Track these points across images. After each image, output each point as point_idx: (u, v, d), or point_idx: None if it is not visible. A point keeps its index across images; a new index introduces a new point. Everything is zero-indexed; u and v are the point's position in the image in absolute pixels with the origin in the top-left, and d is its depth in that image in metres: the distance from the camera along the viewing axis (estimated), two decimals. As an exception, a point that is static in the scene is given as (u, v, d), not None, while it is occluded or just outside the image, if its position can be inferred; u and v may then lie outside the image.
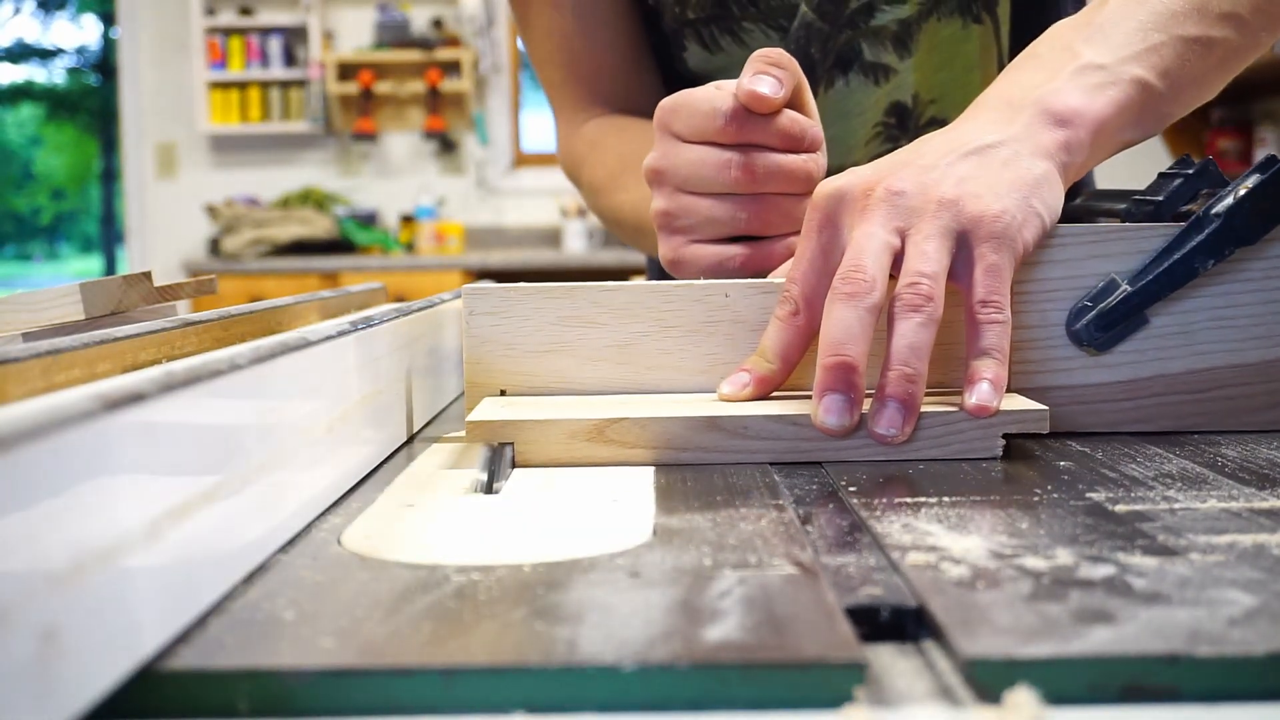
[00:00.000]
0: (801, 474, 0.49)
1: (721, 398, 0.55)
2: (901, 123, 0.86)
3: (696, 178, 0.64)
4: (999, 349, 0.52)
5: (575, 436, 0.50)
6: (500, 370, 0.58)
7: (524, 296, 0.58)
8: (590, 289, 0.58)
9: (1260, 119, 3.85)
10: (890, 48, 0.84)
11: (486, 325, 0.58)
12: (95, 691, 0.25)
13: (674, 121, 0.65)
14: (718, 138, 0.63)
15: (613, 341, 0.58)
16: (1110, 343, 0.57)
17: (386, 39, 4.63)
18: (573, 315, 0.58)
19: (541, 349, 0.58)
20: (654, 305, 0.58)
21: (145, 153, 4.77)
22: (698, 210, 0.65)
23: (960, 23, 0.84)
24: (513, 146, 4.80)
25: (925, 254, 0.51)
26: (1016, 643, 0.28)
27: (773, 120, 0.63)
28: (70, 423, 0.25)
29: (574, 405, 0.54)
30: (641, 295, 0.58)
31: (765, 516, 0.41)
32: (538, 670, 0.27)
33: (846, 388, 0.49)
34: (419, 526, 0.41)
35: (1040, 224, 0.55)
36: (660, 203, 0.66)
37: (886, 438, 0.50)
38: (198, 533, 0.31)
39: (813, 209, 0.55)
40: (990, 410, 0.50)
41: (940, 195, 0.53)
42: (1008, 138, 0.56)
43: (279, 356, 0.39)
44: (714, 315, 0.58)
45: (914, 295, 0.50)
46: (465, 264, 4.23)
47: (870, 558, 0.37)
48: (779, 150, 0.64)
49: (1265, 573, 0.34)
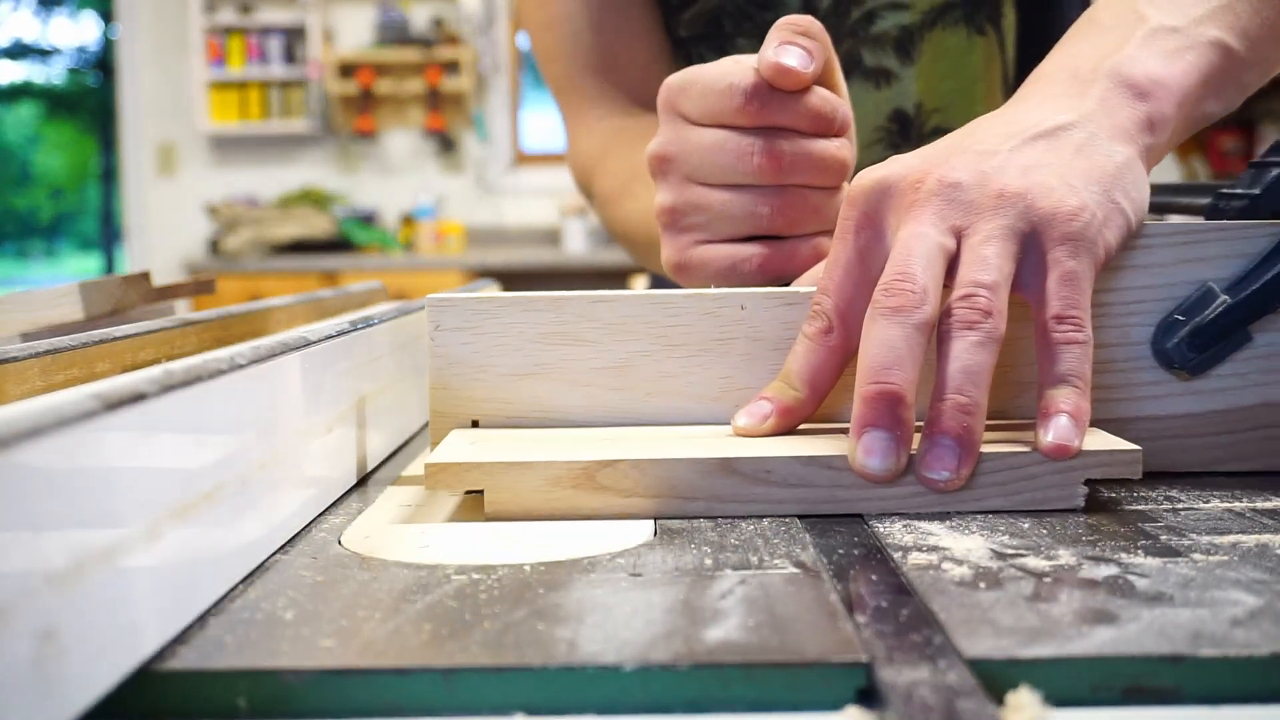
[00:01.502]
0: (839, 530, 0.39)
1: (737, 431, 0.46)
2: (904, 130, 0.83)
3: (710, 166, 0.55)
4: (1079, 374, 0.42)
5: (558, 483, 0.42)
6: (471, 397, 0.49)
7: (499, 308, 0.49)
8: (579, 299, 0.49)
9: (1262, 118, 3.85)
10: (892, 53, 0.82)
11: (455, 343, 0.49)
12: (95, 692, 0.25)
13: (683, 101, 0.55)
14: (735, 119, 0.54)
15: (606, 363, 0.49)
16: (1206, 365, 0.47)
17: (386, 38, 4.63)
18: (558, 331, 0.49)
19: (520, 371, 0.49)
20: (655, 319, 0.49)
21: (145, 152, 4.77)
22: (709, 204, 0.56)
23: (965, 33, 0.83)
24: (512, 146, 4.80)
25: (985, 259, 0.43)
26: (1018, 643, 0.28)
27: (800, 99, 0.53)
28: (70, 423, 0.25)
29: (558, 442, 0.45)
30: (640, 307, 0.49)
31: (766, 519, 0.41)
32: (538, 670, 0.27)
33: (892, 423, 0.41)
34: (419, 526, 0.41)
35: (1124, 222, 0.46)
36: (665, 196, 0.57)
37: (938, 483, 0.41)
38: (197, 533, 0.31)
39: (850, 204, 0.47)
40: (1071, 451, 0.41)
41: (1003, 187, 0.44)
42: (1081, 116, 0.48)
43: (279, 356, 0.39)
44: (728, 331, 0.49)
45: (970, 309, 0.42)
46: (465, 263, 4.23)
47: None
48: (807, 134, 0.54)
49: (1268, 573, 0.34)
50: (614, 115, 0.86)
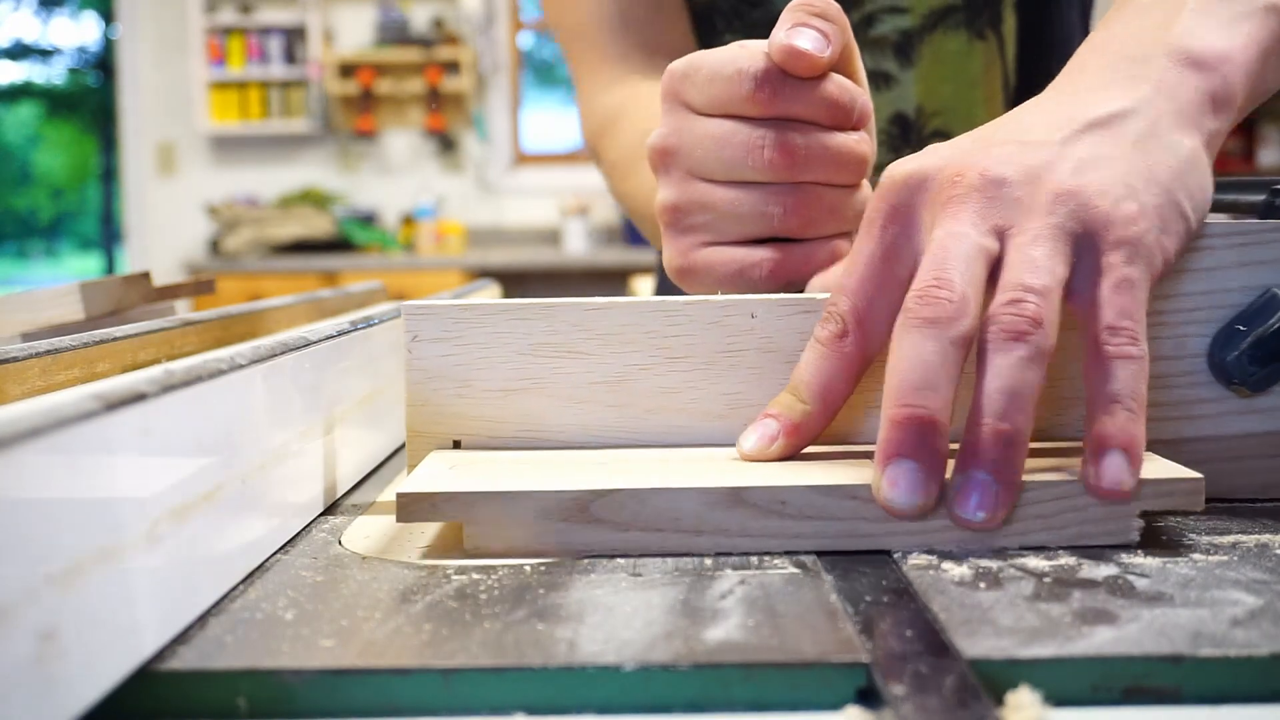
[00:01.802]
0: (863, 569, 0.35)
1: (743, 457, 0.41)
2: (904, 133, 0.83)
3: (716, 160, 0.50)
4: (1134, 395, 0.37)
5: (547, 516, 0.37)
6: (453, 415, 0.45)
7: (484, 317, 0.45)
8: (572, 307, 0.45)
9: (1262, 118, 3.85)
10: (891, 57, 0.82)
11: (434, 355, 0.45)
12: (95, 692, 0.25)
13: (687, 88, 0.50)
14: (744, 109, 0.49)
15: (602, 377, 0.45)
16: (1269, 380, 0.43)
17: (386, 38, 4.63)
18: (548, 342, 0.45)
19: (507, 387, 0.45)
20: (656, 328, 0.45)
21: (145, 152, 4.77)
22: (715, 203, 0.50)
23: (965, 37, 0.83)
24: (513, 146, 4.80)
25: (1034, 262, 0.38)
26: (1018, 643, 0.28)
27: (816, 86, 0.48)
28: (70, 423, 0.25)
29: (547, 468, 0.41)
30: (640, 315, 0.45)
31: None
32: (538, 670, 0.27)
33: (923, 453, 0.36)
34: (419, 526, 0.41)
35: (1186, 227, 0.41)
36: (668, 192, 0.52)
37: (974, 523, 0.36)
38: (198, 533, 0.31)
39: (879, 197, 0.42)
40: (1126, 493, 0.37)
41: (1055, 185, 0.39)
42: (1139, 101, 0.43)
43: (279, 356, 0.39)
44: (736, 342, 0.45)
45: (1017, 318, 0.37)
46: (465, 263, 4.23)
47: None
48: (823, 126, 0.49)
49: (1269, 573, 0.34)
50: (630, 75, 0.80)
